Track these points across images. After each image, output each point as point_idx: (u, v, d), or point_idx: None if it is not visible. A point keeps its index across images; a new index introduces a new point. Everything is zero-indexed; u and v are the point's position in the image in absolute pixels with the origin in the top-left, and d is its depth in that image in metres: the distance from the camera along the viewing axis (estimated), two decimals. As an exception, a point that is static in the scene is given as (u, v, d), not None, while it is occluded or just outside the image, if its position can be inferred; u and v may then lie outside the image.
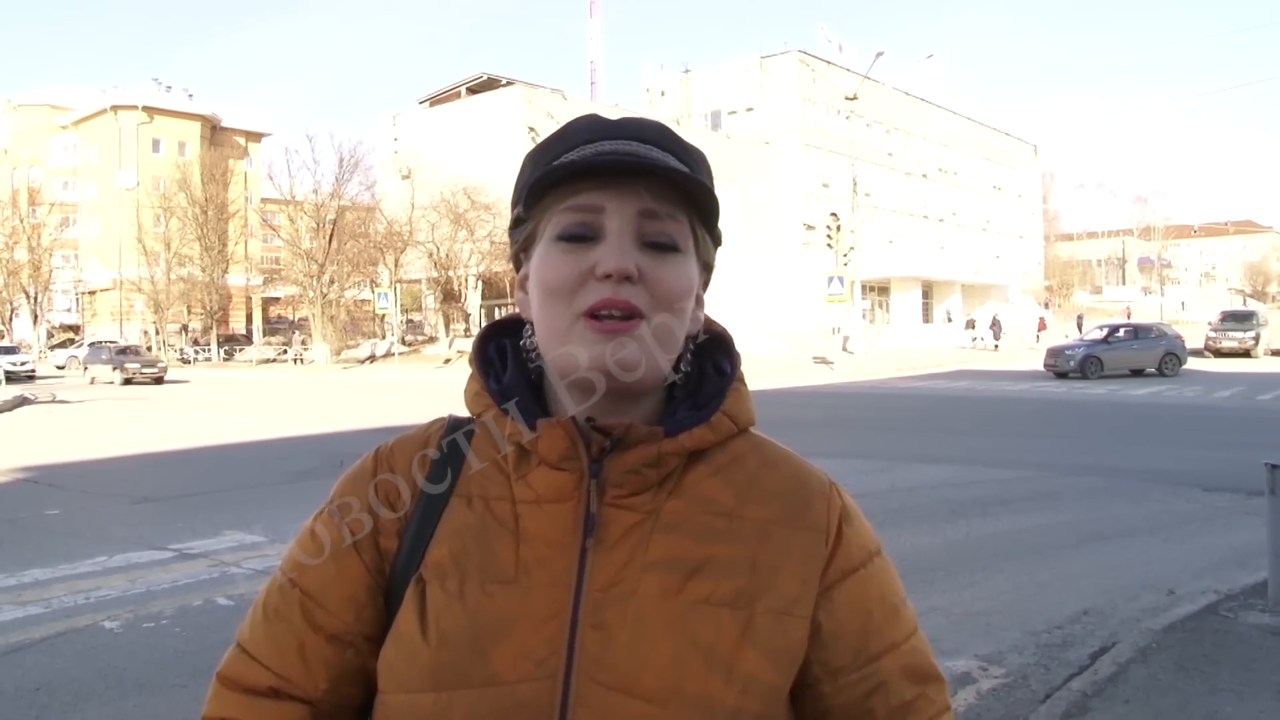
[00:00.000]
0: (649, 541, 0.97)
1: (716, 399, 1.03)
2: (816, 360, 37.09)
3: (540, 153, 1.03)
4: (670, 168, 0.96)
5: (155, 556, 8.49)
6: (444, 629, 0.95)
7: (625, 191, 0.95)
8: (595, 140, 0.99)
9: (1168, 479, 11.66)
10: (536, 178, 0.97)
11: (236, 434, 18.30)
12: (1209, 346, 38.11)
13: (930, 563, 7.90)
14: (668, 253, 0.97)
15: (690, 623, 0.94)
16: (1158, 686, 4.93)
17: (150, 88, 72.70)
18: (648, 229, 0.96)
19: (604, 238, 0.95)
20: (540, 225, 0.99)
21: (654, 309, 0.96)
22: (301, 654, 1.02)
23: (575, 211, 0.96)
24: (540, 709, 0.91)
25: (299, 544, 1.07)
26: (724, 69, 69.58)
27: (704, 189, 0.97)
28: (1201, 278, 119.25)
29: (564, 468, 0.98)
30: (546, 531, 0.97)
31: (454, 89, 59.94)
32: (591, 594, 0.94)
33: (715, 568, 0.96)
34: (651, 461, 0.98)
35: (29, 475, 13.42)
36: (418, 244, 50.20)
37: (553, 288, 0.96)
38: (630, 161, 0.94)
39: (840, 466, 12.30)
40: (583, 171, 0.95)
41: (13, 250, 65.08)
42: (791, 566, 0.99)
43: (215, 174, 63.16)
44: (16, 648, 6.09)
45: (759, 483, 1.02)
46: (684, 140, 1.03)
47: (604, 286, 0.94)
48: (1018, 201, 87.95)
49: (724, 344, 1.09)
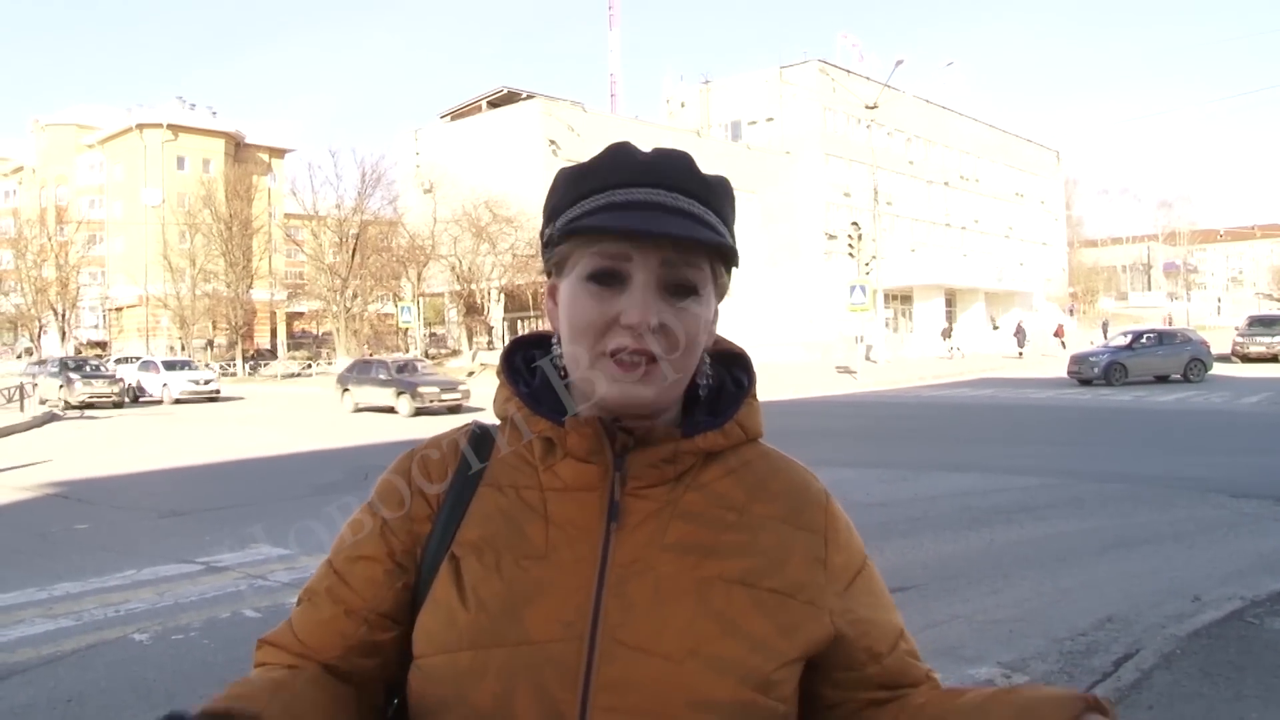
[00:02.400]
0: (667, 527, 1.08)
1: (732, 409, 1.15)
2: (839, 369, 37.04)
3: (576, 179, 1.12)
4: (689, 237, 1.04)
5: (183, 569, 8.57)
6: (482, 596, 1.05)
7: (650, 243, 1.05)
8: (626, 185, 1.07)
9: (1193, 485, 11.58)
10: (569, 228, 1.07)
11: (262, 448, 18.44)
12: (1236, 352, 37.73)
13: (953, 570, 7.88)
14: (688, 297, 1.07)
15: (705, 594, 1.04)
16: (1182, 693, 4.91)
17: (174, 106, 73.40)
18: (670, 276, 1.06)
19: (629, 283, 1.05)
20: (572, 256, 1.09)
21: (671, 352, 1.07)
22: (323, 627, 1.13)
23: (604, 257, 1.06)
24: (569, 665, 1.01)
25: (345, 529, 1.19)
26: (744, 79, 69.59)
27: (722, 244, 1.07)
28: (1229, 282, 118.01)
29: (591, 461, 1.10)
30: (574, 516, 1.09)
31: (475, 103, 60.20)
32: (615, 569, 1.05)
33: (727, 551, 1.07)
34: (669, 458, 1.10)
35: (58, 490, 13.56)
36: (440, 257, 50.43)
37: (580, 328, 1.07)
38: (654, 232, 1.03)
39: (864, 476, 12.28)
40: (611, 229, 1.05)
41: (41, 268, 65.71)
42: (796, 559, 1.10)
43: (239, 190, 63.60)
44: (48, 660, 6.17)
45: (765, 484, 1.14)
46: (707, 178, 1.11)
47: (627, 333, 1.04)
48: (1041, 208, 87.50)
49: (743, 361, 1.22)
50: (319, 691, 1.07)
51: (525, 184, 50.65)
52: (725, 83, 70.86)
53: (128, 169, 71.58)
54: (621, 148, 1.12)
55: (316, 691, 1.07)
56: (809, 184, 64.62)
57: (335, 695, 1.09)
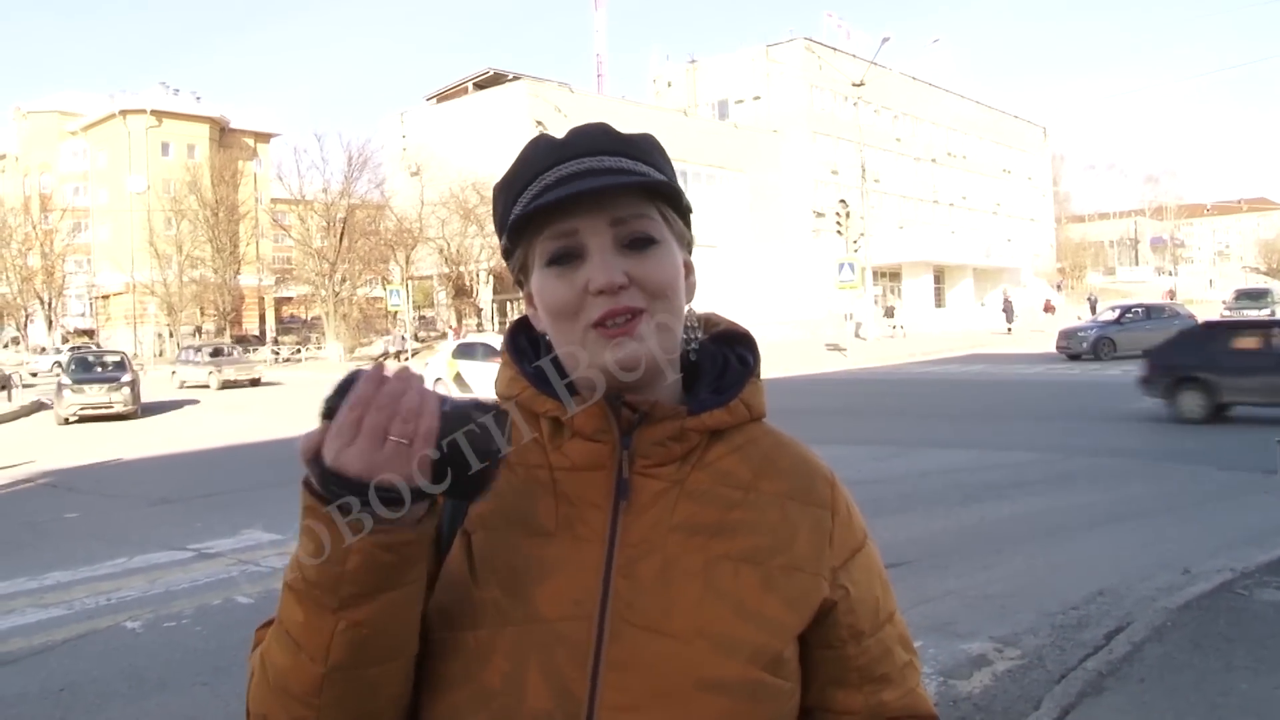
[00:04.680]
0: (675, 506, 1.07)
1: (737, 387, 1.14)
2: (829, 347, 37.04)
3: (506, 187, 1.12)
4: (621, 183, 1.04)
5: (174, 557, 8.56)
6: (491, 573, 1.05)
7: (592, 209, 1.05)
8: (552, 165, 1.08)
9: (1183, 459, 11.64)
10: (512, 221, 1.08)
11: (251, 434, 18.39)
12: (1223, 325, 37.88)
13: (945, 546, 7.92)
14: (648, 247, 1.07)
15: (713, 573, 1.04)
16: (1173, 665, 4.94)
17: (158, 91, 72.82)
18: (623, 233, 1.06)
19: (588, 254, 1.05)
20: (530, 254, 1.10)
21: (651, 301, 1.06)
22: None
23: (555, 238, 1.06)
24: (578, 643, 1.01)
25: None
26: (730, 58, 69.38)
27: (659, 182, 1.07)
28: (1215, 256, 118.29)
29: (598, 439, 1.09)
30: (583, 494, 1.08)
31: (461, 85, 59.95)
32: (624, 549, 1.05)
33: (734, 529, 1.07)
34: (675, 435, 1.09)
35: (47, 479, 13.53)
36: (428, 240, 50.31)
37: (557, 311, 1.07)
38: (585, 189, 1.03)
39: (854, 453, 12.31)
40: (549, 209, 1.05)
41: (26, 256, 65.41)
42: (804, 534, 1.09)
43: (225, 176, 63.33)
44: (40, 649, 6.16)
45: (772, 461, 1.13)
46: (628, 136, 1.11)
47: (601, 300, 1.04)
48: (1028, 184, 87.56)
49: (747, 341, 1.21)
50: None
51: (512, 166, 50.54)
52: (712, 62, 70.64)
53: (111, 155, 71.08)
54: (536, 140, 1.13)
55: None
56: (796, 162, 64.53)
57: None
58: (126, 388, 24.24)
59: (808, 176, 64.72)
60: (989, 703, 4.78)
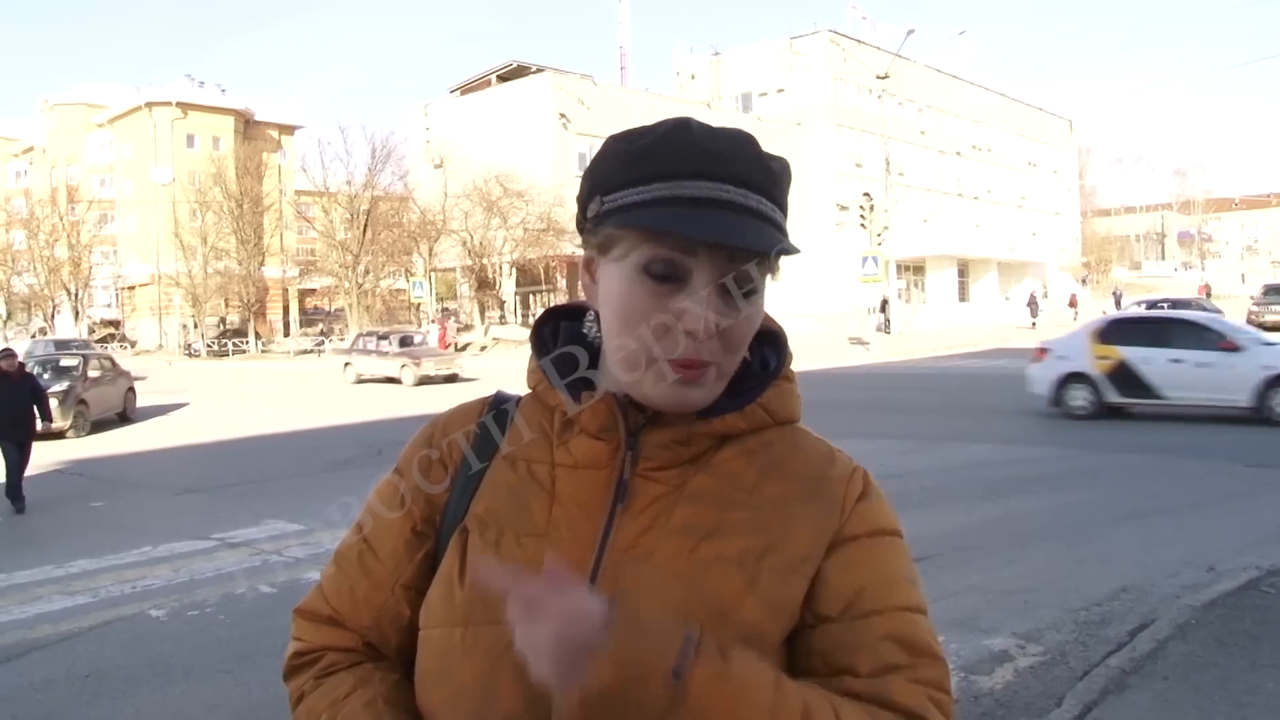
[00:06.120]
0: (672, 510, 1.04)
1: (755, 391, 1.09)
2: (852, 341, 36.93)
3: (631, 158, 1.03)
4: (760, 250, 0.99)
5: (198, 546, 8.62)
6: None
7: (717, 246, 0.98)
8: (698, 173, 1.00)
9: (1209, 455, 11.55)
10: (626, 219, 1.00)
11: (275, 425, 18.50)
12: (1251, 320, 37.46)
13: (968, 541, 7.88)
14: (749, 298, 1.02)
15: (699, 578, 1.00)
16: (1197, 663, 4.90)
17: (183, 84, 73.17)
18: (734, 278, 1.00)
19: (689, 282, 0.99)
20: (624, 240, 1.02)
21: (725, 356, 1.02)
22: (353, 595, 1.14)
23: (669, 249, 0.99)
24: None
25: (373, 497, 1.19)
26: (754, 50, 69.18)
27: (790, 252, 1.01)
28: (1244, 251, 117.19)
29: (602, 438, 1.06)
30: (579, 494, 1.06)
31: (484, 77, 59.99)
32: (612, 553, 1.02)
33: (728, 530, 1.03)
34: (682, 439, 1.05)
35: (72, 469, 13.64)
36: (451, 232, 50.36)
37: (633, 323, 1.01)
38: (731, 244, 0.97)
39: (878, 447, 12.27)
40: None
41: (53, 247, 65.80)
42: (803, 532, 1.04)
43: (249, 168, 63.51)
44: (67, 636, 6.22)
45: (782, 464, 1.08)
46: (771, 165, 1.04)
47: (687, 343, 0.99)
48: (1053, 177, 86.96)
49: (776, 341, 1.16)
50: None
51: (536, 158, 50.58)
52: (735, 54, 70.45)
53: (138, 148, 71.46)
54: (685, 127, 1.03)
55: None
56: (820, 155, 64.28)
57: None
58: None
59: (831, 169, 64.50)
60: (1011, 698, 4.75)
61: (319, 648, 1.15)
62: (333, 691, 1.10)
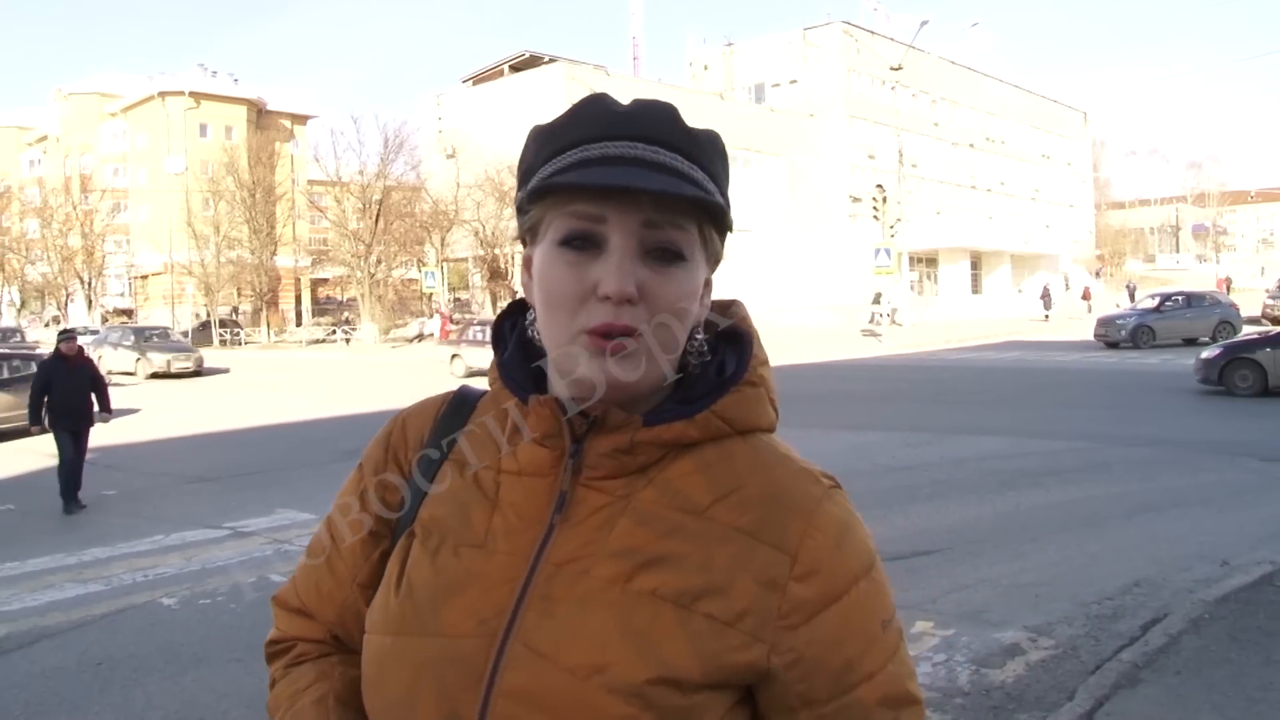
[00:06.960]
0: (614, 526, 0.98)
1: (709, 398, 1.02)
2: (864, 332, 36.87)
3: (547, 137, 1.02)
4: (671, 193, 0.94)
5: (210, 535, 8.65)
6: (412, 581, 1.01)
7: (628, 202, 0.95)
8: (600, 139, 0.98)
9: (1223, 449, 11.49)
10: (538, 184, 0.97)
11: (287, 414, 18.55)
12: (1266, 314, 37.27)
13: (979, 534, 7.86)
14: (672, 263, 0.97)
15: (629, 610, 0.93)
16: (1210, 658, 4.88)
17: (197, 73, 73.30)
18: (651, 238, 0.96)
19: (606, 249, 0.96)
20: (546, 218, 1.00)
21: (654, 326, 0.97)
22: (319, 589, 1.15)
23: (578, 218, 0.97)
24: (475, 664, 0.94)
25: (340, 494, 1.19)
26: (767, 41, 68.88)
27: (710, 201, 0.96)
28: (1259, 244, 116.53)
29: (546, 445, 1.01)
30: (520, 503, 1.01)
31: (497, 67, 59.91)
32: (546, 567, 0.97)
33: (668, 564, 0.95)
34: (624, 448, 0.99)
35: (87, 457, 13.67)
36: (463, 223, 50.37)
37: (555, 301, 0.98)
38: (630, 187, 0.93)
39: (888, 439, 12.26)
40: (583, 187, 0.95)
41: (66, 236, 66.02)
42: (745, 582, 0.95)
43: (262, 157, 63.60)
44: (79, 624, 6.25)
45: (740, 486, 1.00)
46: (693, 131, 1.01)
47: (605, 308, 0.95)
48: (1067, 170, 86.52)
49: (740, 343, 1.08)
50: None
51: (547, 149, 50.43)
52: (748, 45, 70.17)
53: (151, 137, 71.64)
54: (595, 99, 1.02)
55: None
56: (833, 146, 64.04)
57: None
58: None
59: (844, 161, 64.24)
60: (1021, 692, 4.74)
61: (291, 638, 1.17)
62: (295, 683, 1.11)
